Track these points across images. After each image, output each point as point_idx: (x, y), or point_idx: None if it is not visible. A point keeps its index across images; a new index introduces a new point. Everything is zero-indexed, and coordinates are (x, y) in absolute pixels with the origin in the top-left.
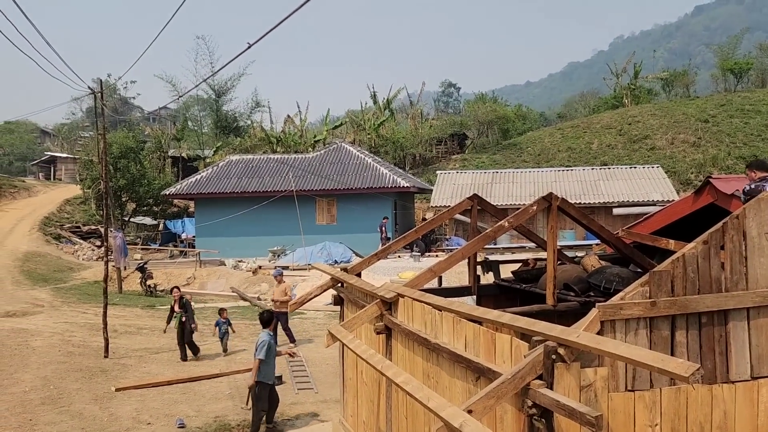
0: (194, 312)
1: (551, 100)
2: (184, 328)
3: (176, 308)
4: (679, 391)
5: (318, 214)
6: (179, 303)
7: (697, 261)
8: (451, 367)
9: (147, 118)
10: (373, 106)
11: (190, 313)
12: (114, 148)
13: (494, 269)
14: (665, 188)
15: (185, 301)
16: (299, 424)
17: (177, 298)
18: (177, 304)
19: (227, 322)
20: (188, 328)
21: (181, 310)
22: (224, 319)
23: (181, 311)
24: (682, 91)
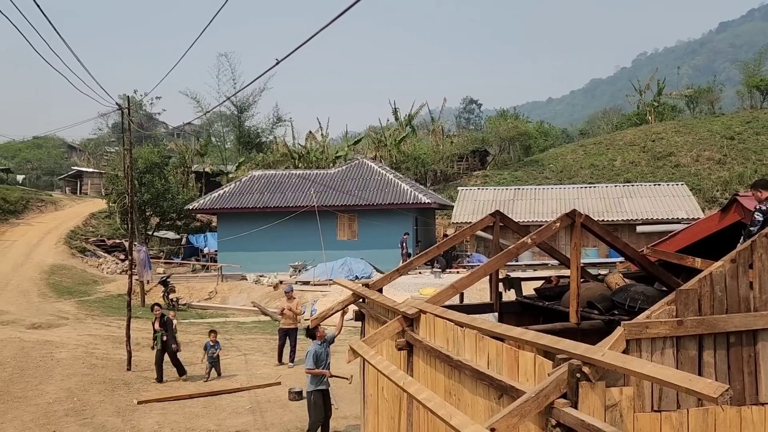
0: (176, 331)
1: (573, 116)
2: (165, 348)
3: (156, 327)
4: (706, 412)
5: (339, 230)
6: (160, 321)
7: (725, 280)
8: (474, 384)
9: (171, 134)
10: (395, 123)
11: (171, 333)
12: (139, 163)
13: (516, 286)
14: (690, 206)
15: (166, 319)
16: None
17: (158, 315)
18: (157, 323)
19: (216, 345)
20: (170, 349)
21: (161, 329)
22: (213, 341)
23: (162, 330)
24: (706, 108)
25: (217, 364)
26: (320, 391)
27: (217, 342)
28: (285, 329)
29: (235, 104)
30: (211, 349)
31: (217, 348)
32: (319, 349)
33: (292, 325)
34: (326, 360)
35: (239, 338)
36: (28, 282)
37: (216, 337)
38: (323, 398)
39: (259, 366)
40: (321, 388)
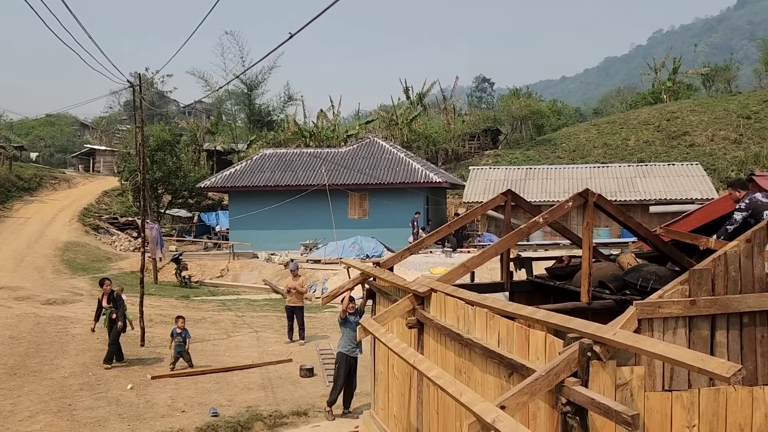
0: (126, 308)
1: (587, 95)
2: (112, 326)
3: (105, 303)
4: (718, 392)
5: (350, 209)
6: (108, 297)
7: (740, 260)
8: (484, 362)
9: (182, 112)
10: (406, 101)
11: (122, 310)
12: (151, 141)
13: (527, 266)
14: (704, 186)
15: (116, 296)
16: (330, 416)
17: (107, 292)
18: (106, 299)
19: (185, 333)
20: (116, 328)
21: (110, 306)
22: (180, 329)
23: (110, 307)
24: (723, 87)
25: (186, 354)
26: (344, 356)
27: (185, 330)
28: (291, 307)
29: (245, 82)
30: (177, 337)
31: (185, 336)
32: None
33: (298, 303)
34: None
35: (251, 315)
36: (43, 258)
37: (184, 323)
38: (347, 365)
39: (270, 343)
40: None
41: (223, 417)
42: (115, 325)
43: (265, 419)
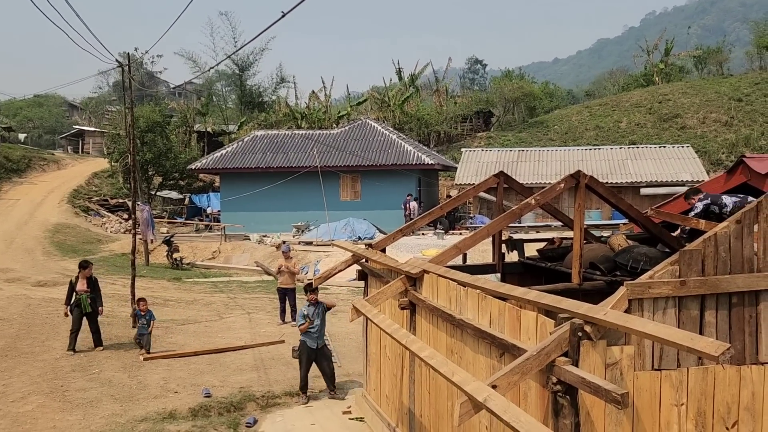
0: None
1: (579, 77)
2: (93, 311)
3: (82, 287)
4: (706, 371)
5: (342, 190)
6: (88, 282)
7: (730, 240)
8: (476, 343)
9: (173, 93)
10: (398, 83)
11: (99, 294)
12: (141, 122)
13: (519, 248)
14: (695, 168)
15: (95, 279)
16: (322, 396)
17: (88, 275)
18: (84, 283)
19: (149, 315)
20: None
21: (88, 290)
22: (143, 311)
23: (89, 291)
24: (715, 69)
25: (146, 338)
26: (304, 344)
27: (149, 312)
28: (283, 288)
29: (237, 63)
30: (141, 319)
31: (149, 318)
32: (307, 310)
33: (291, 284)
34: (320, 325)
35: (243, 297)
36: (33, 240)
37: (146, 306)
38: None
39: (262, 324)
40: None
41: (216, 398)
42: (96, 311)
43: (257, 400)
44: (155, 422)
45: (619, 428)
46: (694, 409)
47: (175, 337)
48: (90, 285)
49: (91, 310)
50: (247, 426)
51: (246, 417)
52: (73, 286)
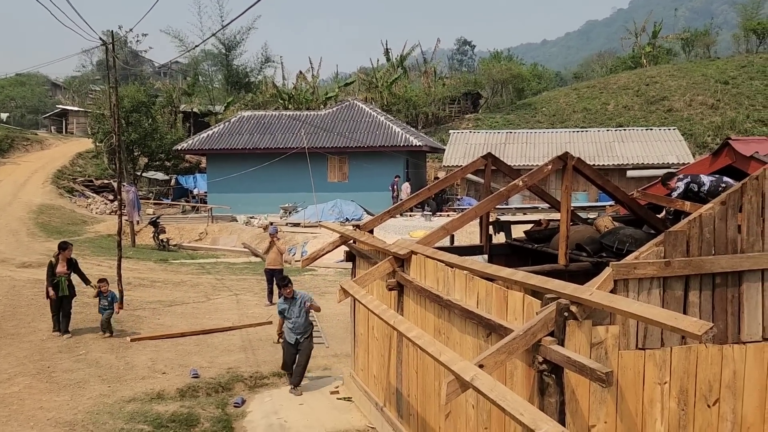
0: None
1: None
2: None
3: (62, 269)
4: (689, 350)
5: (330, 172)
6: (67, 264)
7: (714, 222)
8: (463, 323)
9: (158, 73)
10: (386, 64)
11: (82, 275)
12: (125, 102)
13: (506, 229)
14: (681, 151)
15: (75, 261)
16: (310, 376)
17: (68, 257)
18: (64, 265)
19: (110, 296)
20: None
21: (68, 272)
22: (105, 291)
23: (68, 273)
24: (702, 52)
25: (107, 321)
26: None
27: (111, 292)
28: (271, 269)
29: (223, 42)
30: (103, 301)
31: (111, 299)
32: (283, 306)
33: (278, 265)
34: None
35: (230, 279)
36: (17, 221)
37: (108, 286)
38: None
39: (250, 306)
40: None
41: (204, 378)
42: (73, 295)
43: (245, 380)
44: (143, 403)
45: (603, 406)
46: (677, 387)
47: (162, 319)
48: (70, 267)
49: (68, 293)
50: (235, 406)
51: (234, 397)
52: (53, 267)
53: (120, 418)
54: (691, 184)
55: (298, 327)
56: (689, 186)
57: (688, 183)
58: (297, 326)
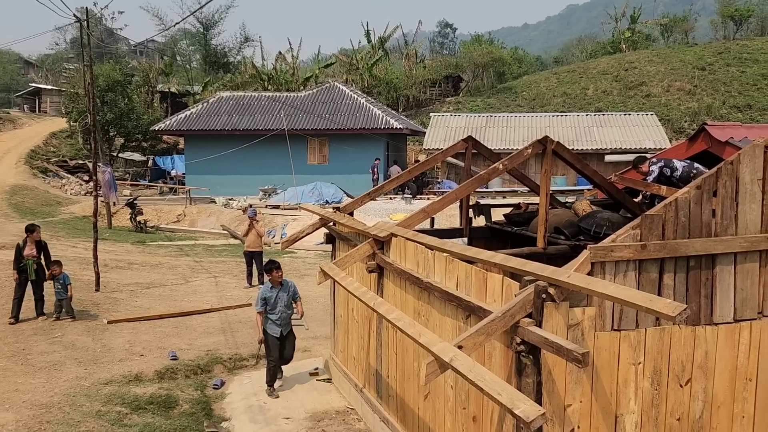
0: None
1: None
2: (38, 277)
3: (30, 252)
4: (663, 331)
5: (309, 154)
6: (36, 246)
7: (689, 206)
8: (442, 305)
9: (134, 51)
10: (367, 45)
11: (49, 258)
12: (100, 81)
13: (486, 213)
14: (658, 136)
15: (44, 243)
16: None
17: (36, 239)
18: (32, 248)
19: (62, 278)
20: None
21: (36, 255)
22: (57, 274)
23: (36, 257)
24: (680, 38)
25: (66, 303)
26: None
27: (63, 275)
28: (250, 252)
29: (201, 21)
30: (56, 284)
31: (63, 281)
32: (268, 294)
33: (257, 247)
34: (285, 312)
35: (209, 261)
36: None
37: (61, 269)
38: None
39: (229, 288)
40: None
41: (183, 360)
42: (41, 276)
43: (225, 362)
44: (121, 385)
45: (579, 386)
46: (651, 367)
47: (140, 301)
48: (39, 250)
49: (36, 277)
50: (214, 388)
51: (213, 379)
52: (20, 249)
53: (97, 400)
54: (665, 168)
55: (284, 319)
56: (662, 170)
57: (662, 167)
58: (284, 318)
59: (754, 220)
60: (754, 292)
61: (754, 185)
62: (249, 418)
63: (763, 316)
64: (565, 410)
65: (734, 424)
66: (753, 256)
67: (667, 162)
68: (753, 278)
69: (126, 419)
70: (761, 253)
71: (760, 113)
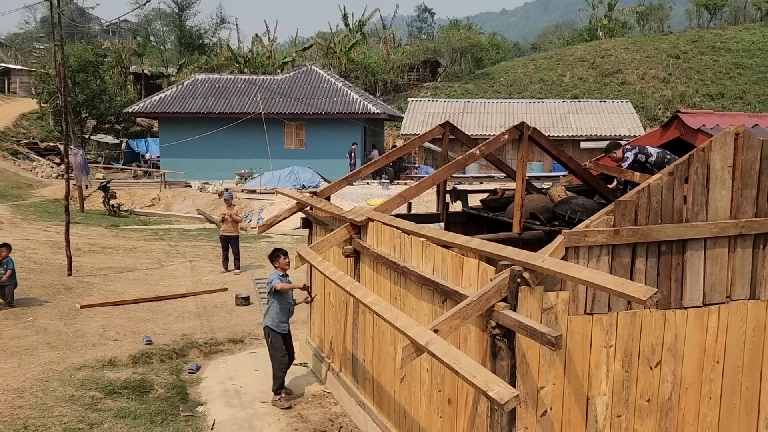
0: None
1: (526, 30)
2: None
3: None
4: (634, 315)
5: (286, 138)
6: None
7: (662, 192)
8: (419, 289)
9: (106, 31)
10: (345, 29)
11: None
12: (72, 61)
13: (463, 198)
14: (633, 123)
15: None
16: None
17: None
18: None
19: (6, 263)
20: None
21: None
22: (3, 258)
23: None
24: (656, 26)
25: (8, 290)
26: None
27: (8, 259)
28: (226, 236)
29: (176, 1)
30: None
31: (7, 266)
32: (282, 282)
33: (234, 232)
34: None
35: (184, 245)
36: None
37: (8, 253)
38: (284, 340)
39: (204, 273)
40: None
41: (158, 345)
42: None
43: (200, 347)
44: (94, 369)
45: (552, 369)
46: (622, 350)
47: (113, 285)
48: None
49: None
50: (190, 372)
51: (189, 364)
52: None
53: (70, 384)
54: (639, 155)
55: (292, 313)
56: (637, 157)
57: (637, 154)
58: (292, 311)
59: (723, 207)
60: (722, 277)
61: (724, 172)
62: (225, 402)
63: (731, 300)
64: (539, 392)
65: (702, 405)
66: (722, 241)
67: (642, 149)
68: (722, 263)
69: (100, 404)
70: (730, 238)
71: (732, 101)
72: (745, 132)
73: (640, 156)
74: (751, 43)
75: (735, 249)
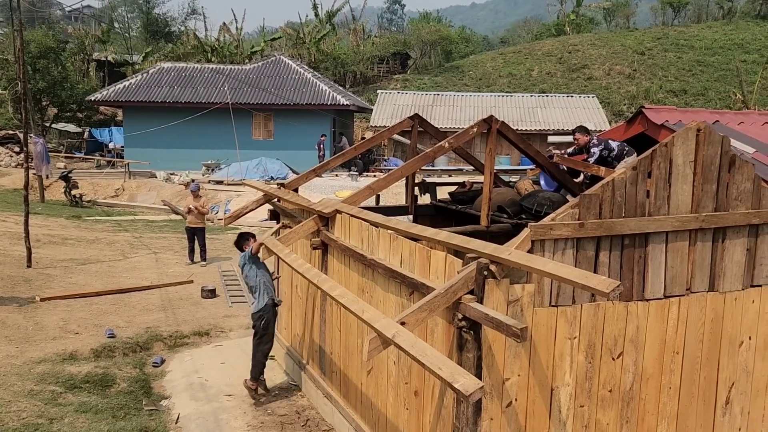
0: None
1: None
2: None
3: None
4: (598, 307)
5: (254, 129)
6: None
7: (626, 186)
8: (386, 282)
9: (68, 17)
10: (314, 19)
11: None
12: (32, 47)
13: (431, 191)
14: (599, 118)
15: None
16: (233, 336)
17: None
18: None
19: None
20: None
21: None
22: None
23: None
24: (622, 22)
25: None
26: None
27: None
28: (192, 228)
29: None
30: None
31: None
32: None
33: (200, 224)
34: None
35: (149, 237)
36: None
37: None
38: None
39: (170, 264)
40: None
41: (121, 338)
42: None
43: (165, 339)
44: (54, 363)
45: (517, 360)
46: (586, 341)
47: (75, 277)
48: None
49: None
50: (154, 366)
51: (153, 357)
52: None
53: (29, 379)
54: (604, 150)
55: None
56: (602, 152)
57: (602, 149)
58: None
59: (685, 201)
60: (683, 270)
61: (686, 167)
62: (190, 396)
63: (690, 292)
64: (504, 383)
65: (661, 395)
66: (683, 235)
67: (606, 144)
68: (682, 256)
69: (60, 398)
70: (690, 232)
71: (694, 98)
72: (707, 128)
73: (605, 152)
74: (713, 41)
75: (695, 242)
